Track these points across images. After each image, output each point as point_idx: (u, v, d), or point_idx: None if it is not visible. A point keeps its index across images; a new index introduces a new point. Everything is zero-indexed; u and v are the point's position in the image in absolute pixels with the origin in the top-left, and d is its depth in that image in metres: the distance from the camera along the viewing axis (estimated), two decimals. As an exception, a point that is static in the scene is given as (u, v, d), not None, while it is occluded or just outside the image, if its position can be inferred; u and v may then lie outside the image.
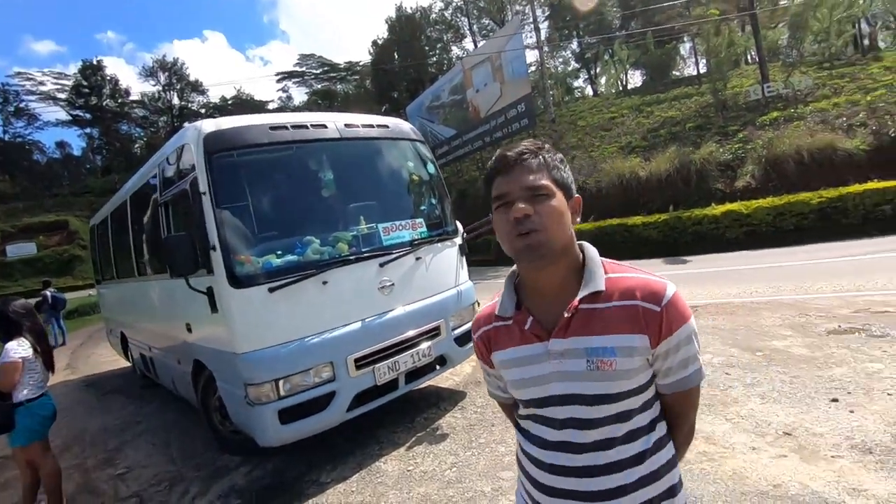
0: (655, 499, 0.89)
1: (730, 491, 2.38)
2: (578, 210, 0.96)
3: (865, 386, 3.20)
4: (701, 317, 5.50)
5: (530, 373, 0.93)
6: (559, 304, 0.90)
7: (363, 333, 3.38)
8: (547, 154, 0.92)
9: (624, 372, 0.86)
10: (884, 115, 13.33)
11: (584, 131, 21.92)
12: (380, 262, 3.54)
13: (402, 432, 3.69)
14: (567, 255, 0.92)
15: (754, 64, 23.19)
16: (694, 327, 0.89)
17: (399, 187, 4.18)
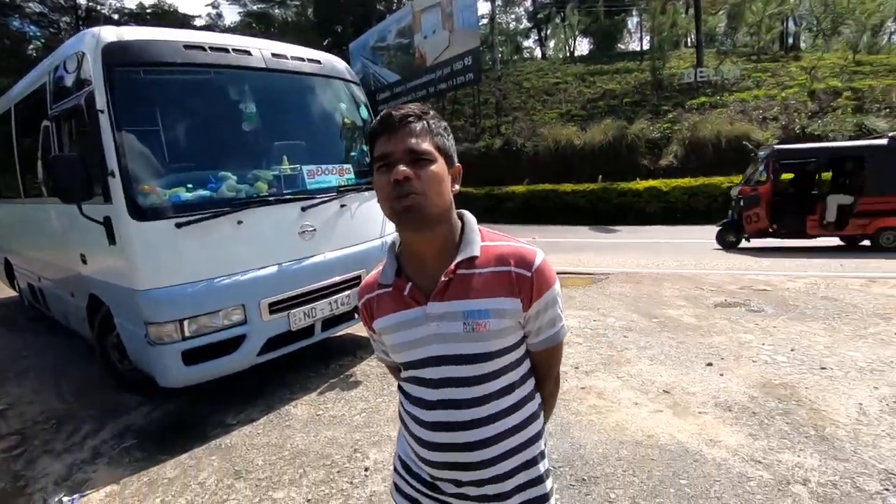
0: (524, 443, 0.96)
1: (610, 440, 2.64)
2: (458, 178, 0.97)
3: (736, 353, 3.63)
4: (612, 284, 5.90)
5: (409, 336, 0.95)
6: (437, 269, 0.92)
7: (279, 278, 3.27)
8: (431, 119, 0.91)
9: (497, 332, 0.90)
10: (794, 111, 14.53)
11: (528, 93, 21.98)
12: (302, 206, 3.40)
13: (315, 378, 3.70)
14: (446, 222, 0.93)
15: (692, 48, 24.10)
16: (558, 290, 0.95)
17: (328, 129, 3.99)
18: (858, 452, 2.39)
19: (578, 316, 4.69)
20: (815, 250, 7.86)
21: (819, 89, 15.65)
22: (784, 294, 5.03)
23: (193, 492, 2.44)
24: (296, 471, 2.57)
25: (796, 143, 13.47)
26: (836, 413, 2.74)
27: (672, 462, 2.42)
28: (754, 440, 2.55)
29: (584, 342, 4.04)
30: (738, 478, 2.27)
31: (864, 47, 25.39)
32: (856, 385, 3.04)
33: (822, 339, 3.79)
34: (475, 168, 16.54)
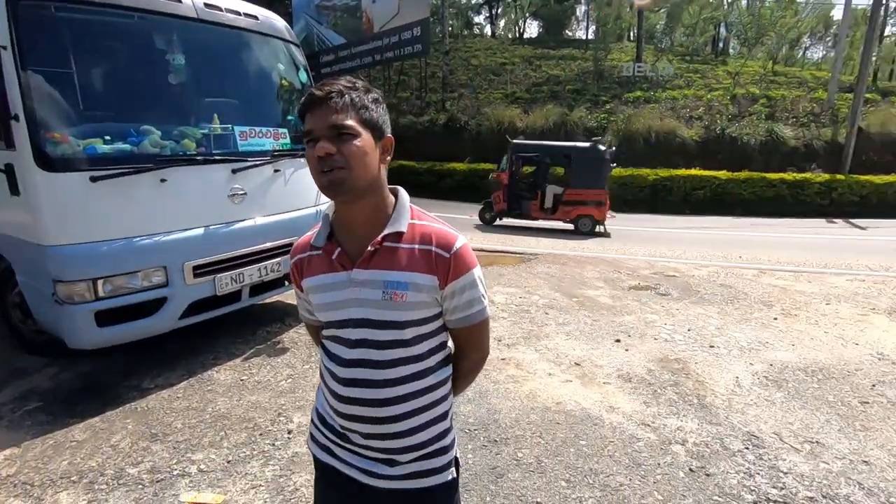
0: (430, 405, 1.06)
1: (523, 406, 2.86)
2: (389, 149, 1.00)
3: (642, 331, 4.00)
4: (539, 264, 6.20)
5: (333, 297, 1.02)
6: (366, 239, 0.99)
7: (206, 241, 3.17)
8: (356, 93, 0.94)
9: (413, 304, 0.98)
10: (716, 113, 15.63)
11: (475, 71, 21.97)
12: (232, 169, 3.29)
13: (241, 344, 3.66)
14: (374, 194, 0.99)
15: (634, 42, 25.06)
16: (478, 275, 1.02)
17: (263, 90, 3.85)
18: (729, 418, 2.77)
19: (505, 293, 4.92)
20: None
21: (740, 94, 16.92)
22: (689, 280, 5.55)
23: (105, 454, 2.39)
24: (216, 433, 2.57)
25: (714, 142, 14.58)
26: (717, 385, 3.14)
27: (575, 426, 2.67)
28: (647, 407, 2.87)
29: (508, 317, 4.27)
30: (629, 439, 2.56)
31: (782, 59, 27.66)
32: (735, 361, 3.47)
33: (714, 321, 4.26)
34: (418, 142, 16.46)
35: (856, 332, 4.02)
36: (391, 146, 1.01)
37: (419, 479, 1.06)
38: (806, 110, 15.80)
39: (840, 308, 4.64)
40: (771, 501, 2.13)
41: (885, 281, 5.63)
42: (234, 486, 2.19)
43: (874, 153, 14.21)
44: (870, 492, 2.19)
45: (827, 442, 2.55)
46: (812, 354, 3.59)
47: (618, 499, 2.14)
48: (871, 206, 12.69)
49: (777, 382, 3.17)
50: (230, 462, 2.35)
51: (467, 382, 1.18)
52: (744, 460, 2.40)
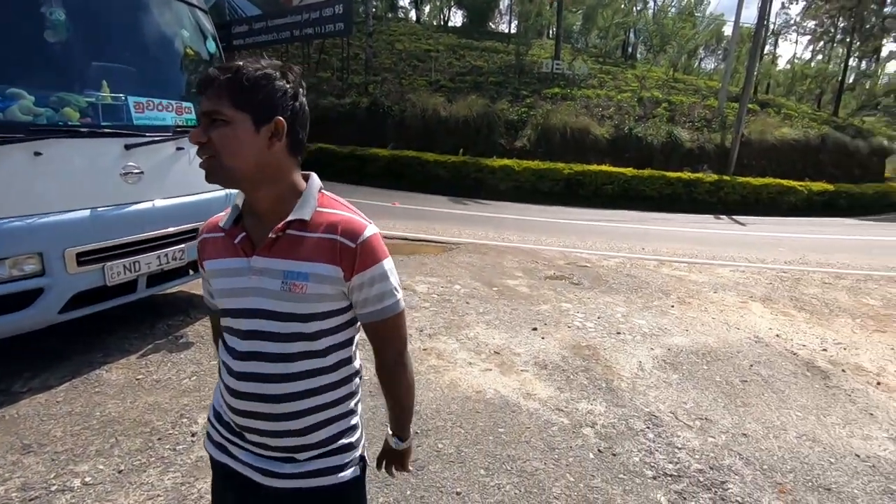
0: (332, 403, 1.01)
1: (443, 396, 2.88)
2: (280, 132, 0.90)
3: (557, 320, 4.19)
4: (461, 253, 6.27)
5: (232, 284, 0.96)
6: (271, 225, 0.93)
7: (92, 224, 2.81)
8: (231, 76, 0.86)
9: (315, 296, 0.92)
10: (625, 114, 16.70)
11: (399, 56, 21.58)
12: (125, 144, 2.94)
13: (137, 339, 3.31)
14: (268, 181, 0.92)
15: (553, 40, 26.01)
16: (388, 267, 0.97)
17: (165, 58, 3.47)
18: (633, 400, 2.98)
19: (428, 282, 4.92)
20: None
21: (645, 97, 18.21)
22: (599, 271, 5.91)
23: (-39, 473, 2.05)
24: (105, 440, 2.31)
25: (623, 140, 15.58)
26: (622, 369, 3.37)
27: (494, 413, 2.74)
28: (561, 392, 3.01)
29: (430, 307, 4.27)
30: (545, 424, 2.67)
31: (682, 67, 30.21)
32: (639, 347, 3.75)
33: (620, 309, 4.57)
34: (339, 125, 15.91)
35: (737, 318, 4.52)
36: (282, 129, 0.90)
37: (320, 477, 1.02)
38: (700, 116, 17.38)
39: (725, 296, 5.18)
40: (667, 476, 2.33)
41: (760, 272, 6.38)
42: (127, 498, 1.98)
43: (753, 157, 16.01)
44: (748, 461, 2.47)
45: (714, 418, 2.84)
46: (702, 339, 3.98)
47: (533, 483, 2.22)
48: (750, 204, 14.31)
49: (673, 365, 3.47)
50: (122, 472, 2.12)
51: (397, 378, 1.08)
52: (645, 439, 2.60)
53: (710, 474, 2.36)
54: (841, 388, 3.28)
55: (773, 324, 4.42)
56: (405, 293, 4.48)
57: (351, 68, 18.92)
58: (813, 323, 4.53)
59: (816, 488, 2.31)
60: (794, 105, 24.00)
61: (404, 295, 3.98)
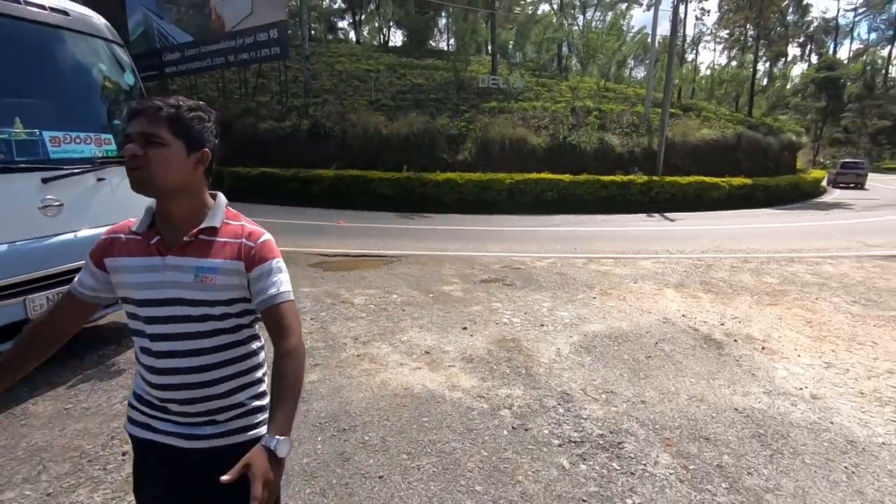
0: (241, 373, 1.23)
1: (374, 395, 3.06)
2: (205, 160, 1.17)
3: (487, 318, 4.47)
4: (401, 265, 6.49)
5: (147, 278, 1.15)
6: (183, 231, 1.15)
7: (11, 258, 2.83)
8: (175, 109, 1.11)
9: (222, 286, 1.15)
10: (559, 123, 17.55)
11: (339, 77, 21.77)
12: (43, 178, 2.98)
13: (66, 371, 3.31)
14: (187, 196, 1.16)
15: (490, 56, 26.98)
16: (278, 265, 1.20)
17: (81, 93, 3.53)
18: (549, 382, 3.27)
19: (366, 294, 5.10)
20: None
21: (578, 107, 19.22)
22: (532, 271, 6.27)
23: None
24: (32, 468, 2.35)
25: (558, 149, 16.34)
26: (542, 356, 3.67)
27: (420, 406, 2.95)
28: (483, 382, 3.26)
29: (366, 316, 4.44)
30: (466, 410, 2.90)
31: (613, 76, 31.98)
32: (559, 336, 4.08)
33: (546, 303, 4.91)
34: (281, 148, 15.87)
35: (651, 304, 4.95)
36: (207, 159, 1.17)
37: (239, 434, 1.22)
38: (629, 122, 18.52)
39: (643, 286, 5.64)
40: (572, 442, 2.61)
41: (678, 262, 6.94)
42: (55, 516, 2.04)
43: (679, 158, 17.18)
44: (643, 423, 2.79)
45: (618, 390, 3.17)
46: (617, 324, 4.36)
47: (451, 461, 2.44)
48: (678, 202, 15.34)
49: (588, 349, 3.80)
50: (50, 495, 2.18)
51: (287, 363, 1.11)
52: (556, 414, 2.88)
53: (609, 437, 2.66)
54: (731, 355, 3.72)
55: (681, 306, 4.88)
56: (343, 306, 4.66)
57: (290, 91, 18.93)
58: (717, 302, 5.03)
59: (697, 439, 2.65)
60: (714, 108, 25.88)
61: (343, 308, 4.19)
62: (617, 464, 2.44)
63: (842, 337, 4.15)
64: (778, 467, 2.43)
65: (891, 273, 6.38)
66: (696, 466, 2.42)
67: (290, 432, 1.06)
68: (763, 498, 2.21)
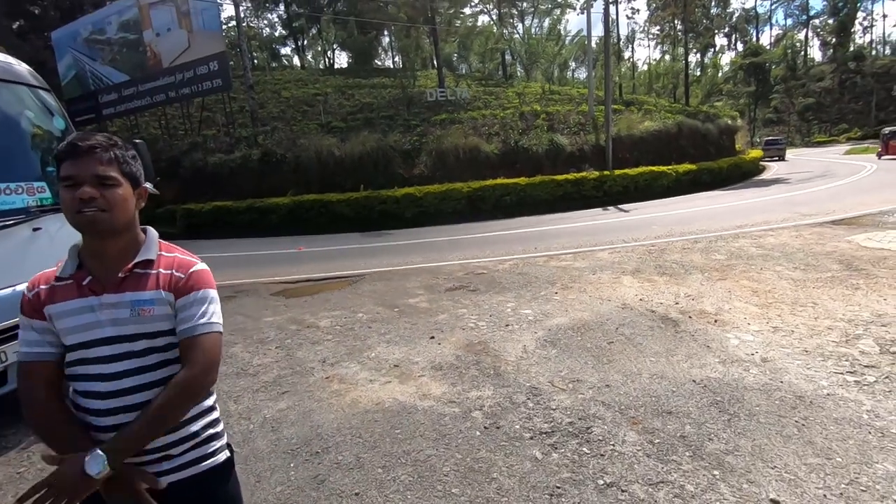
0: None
1: (345, 415, 3.04)
2: (144, 196, 1.22)
3: (453, 325, 4.51)
4: (365, 283, 6.47)
5: (85, 320, 1.12)
6: (117, 268, 1.15)
7: (-57, 321, 2.69)
8: (118, 150, 1.14)
9: (159, 317, 1.15)
10: (509, 129, 17.95)
11: (287, 103, 21.61)
12: (-29, 234, 2.86)
13: (15, 434, 3.13)
14: (128, 232, 1.17)
15: (436, 69, 27.40)
16: (209, 295, 1.20)
17: (11, 142, 3.40)
18: (517, 379, 3.34)
19: (331, 316, 5.06)
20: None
21: (526, 111, 19.72)
22: (495, 275, 6.37)
23: None
24: (-15, 538, 2.22)
25: (511, 153, 16.68)
26: (509, 355, 3.73)
27: (392, 419, 2.95)
28: (453, 387, 3.29)
29: (332, 338, 4.41)
30: (438, 417, 2.92)
31: (557, 80, 32.99)
32: (525, 333, 4.16)
33: (511, 304, 5.00)
34: (232, 180, 15.57)
35: (610, 292, 5.12)
36: (146, 194, 1.22)
37: (196, 465, 1.21)
38: (575, 121, 19.14)
39: (602, 276, 5.83)
40: (543, 433, 2.67)
41: (633, 249, 7.20)
42: (13, 584, 1.93)
43: (626, 151, 17.87)
44: (609, 406, 2.89)
45: (584, 378, 3.26)
46: (579, 315, 4.48)
47: (427, 468, 2.45)
48: (630, 192, 15.89)
49: (553, 342, 3.90)
50: (7, 562, 2.06)
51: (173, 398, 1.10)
52: (525, 408, 2.94)
53: (578, 424, 2.73)
54: (687, 331, 3.89)
55: (638, 291, 5.07)
56: (308, 331, 4.61)
57: (237, 122, 18.66)
58: (671, 283, 5.25)
59: (661, 414, 2.76)
60: (654, 100, 27.08)
61: (308, 333, 4.13)
62: (587, 448, 2.51)
63: (786, 302, 4.40)
64: (735, 430, 2.56)
65: (825, 238, 6.82)
66: (660, 440, 2.52)
67: (123, 455, 1.04)
68: (724, 460, 2.32)
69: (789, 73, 51.20)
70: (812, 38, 58.76)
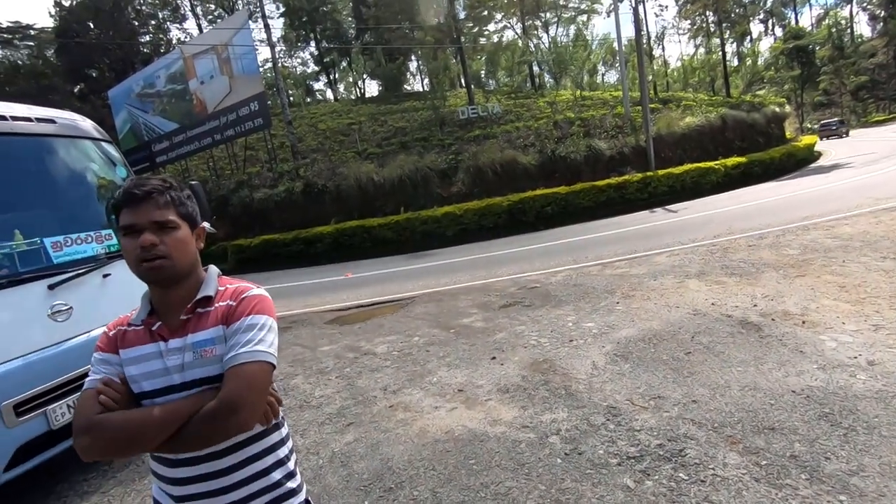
0: (260, 453, 1.13)
1: (414, 446, 2.92)
2: (202, 236, 1.18)
3: (513, 344, 4.34)
4: (417, 306, 6.39)
5: (153, 367, 1.07)
6: (181, 311, 1.10)
7: (26, 372, 2.78)
8: (174, 192, 1.10)
9: (221, 356, 1.06)
10: (544, 138, 17.75)
11: (324, 135, 22.30)
12: (49, 285, 2.97)
13: (95, 477, 3.20)
14: (192, 275, 1.13)
15: (464, 88, 27.63)
16: (259, 321, 1.08)
17: (77, 194, 3.56)
18: (592, 398, 3.13)
19: (387, 342, 4.99)
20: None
21: (560, 119, 19.48)
22: (548, 288, 6.16)
23: None
24: (74, 588, 2.22)
25: (548, 163, 16.43)
26: (578, 373, 3.52)
27: (464, 448, 2.80)
28: (524, 410, 3.12)
29: (391, 364, 4.33)
30: (513, 444, 2.76)
31: (587, 85, 32.55)
32: (591, 348, 3.94)
33: (571, 318, 4.78)
34: (278, 213, 16.09)
35: (677, 298, 4.81)
36: (204, 233, 1.17)
37: None
38: (612, 125, 18.71)
39: (664, 281, 5.51)
40: (631, 458, 2.45)
41: (693, 251, 6.81)
42: None
43: (668, 150, 17.27)
44: (700, 424, 2.64)
45: (665, 394, 3.01)
46: (647, 325, 4.21)
47: (509, 501, 2.29)
48: (678, 192, 15.27)
49: (624, 356, 3.66)
50: None
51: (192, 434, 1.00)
52: (607, 431, 2.73)
53: (669, 446, 2.50)
54: (773, 336, 3.56)
55: (708, 295, 4.74)
56: (366, 358, 4.55)
57: (279, 157, 19.36)
58: (743, 284, 4.88)
59: (762, 431, 2.49)
60: (693, 95, 26.18)
61: (366, 360, 4.03)
62: (684, 473, 2.28)
63: (882, 296, 3.98)
64: (856, 447, 2.26)
65: (912, 222, 6.22)
66: (767, 461, 2.25)
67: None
68: (849, 483, 2.04)
69: (837, 53, 48.45)
70: (858, 14, 55.58)
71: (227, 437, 1.04)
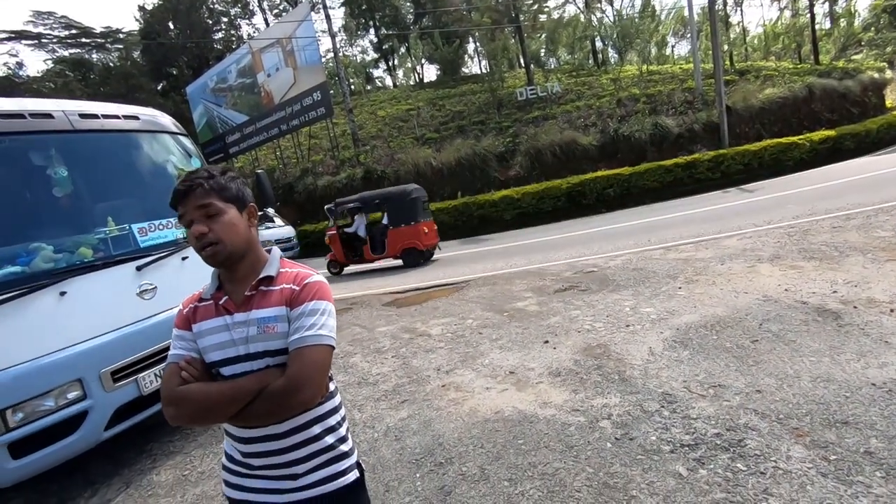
0: (316, 418, 1.23)
1: (465, 424, 3.00)
2: (255, 214, 1.27)
3: (567, 328, 4.29)
4: (471, 289, 6.45)
5: (221, 338, 1.19)
6: (245, 287, 1.21)
7: (121, 343, 3.13)
8: (212, 179, 1.19)
9: (282, 334, 1.17)
10: (607, 117, 17.04)
11: (383, 122, 22.69)
12: (137, 266, 3.30)
13: (179, 440, 3.56)
14: (249, 254, 1.23)
15: (524, 68, 26.99)
16: (321, 307, 1.18)
17: (158, 184, 3.89)
18: (646, 384, 3.05)
19: (441, 323, 5.09)
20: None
21: (623, 97, 18.59)
22: (606, 272, 5.99)
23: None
24: (162, 534, 2.50)
25: (611, 143, 15.79)
26: (633, 358, 3.43)
27: (513, 428, 2.84)
28: (575, 394, 3.10)
29: (445, 345, 4.42)
30: (562, 426, 2.76)
31: (654, 59, 30.70)
32: (648, 334, 3.81)
33: (628, 303, 4.64)
34: (340, 200, 16.66)
35: (745, 283, 4.53)
36: (255, 212, 1.26)
37: (322, 485, 1.21)
38: (681, 100, 17.60)
39: (733, 265, 5.19)
40: (685, 446, 2.38)
41: (768, 233, 6.34)
42: (186, 579, 2.15)
43: (744, 125, 16.01)
44: (763, 415, 2.50)
45: (727, 383, 2.88)
46: (711, 311, 4.01)
47: (555, 482, 2.30)
48: (754, 170, 14.19)
49: (683, 343, 3.52)
50: (180, 558, 2.30)
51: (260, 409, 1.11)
52: (661, 417, 2.66)
53: (727, 436, 2.40)
54: (853, 325, 3.27)
55: (781, 280, 4.42)
56: (421, 339, 4.68)
57: (341, 145, 19.96)
58: (822, 269, 4.50)
59: (833, 424, 2.32)
60: (775, 64, 24.01)
61: (421, 341, 4.17)
62: (742, 464, 2.18)
63: None
64: (944, 446, 2.06)
65: None
66: (838, 456, 2.11)
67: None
68: (933, 484, 1.87)
69: (953, 7, 42.28)
70: (982, -40, 48.01)
71: (292, 412, 1.15)
